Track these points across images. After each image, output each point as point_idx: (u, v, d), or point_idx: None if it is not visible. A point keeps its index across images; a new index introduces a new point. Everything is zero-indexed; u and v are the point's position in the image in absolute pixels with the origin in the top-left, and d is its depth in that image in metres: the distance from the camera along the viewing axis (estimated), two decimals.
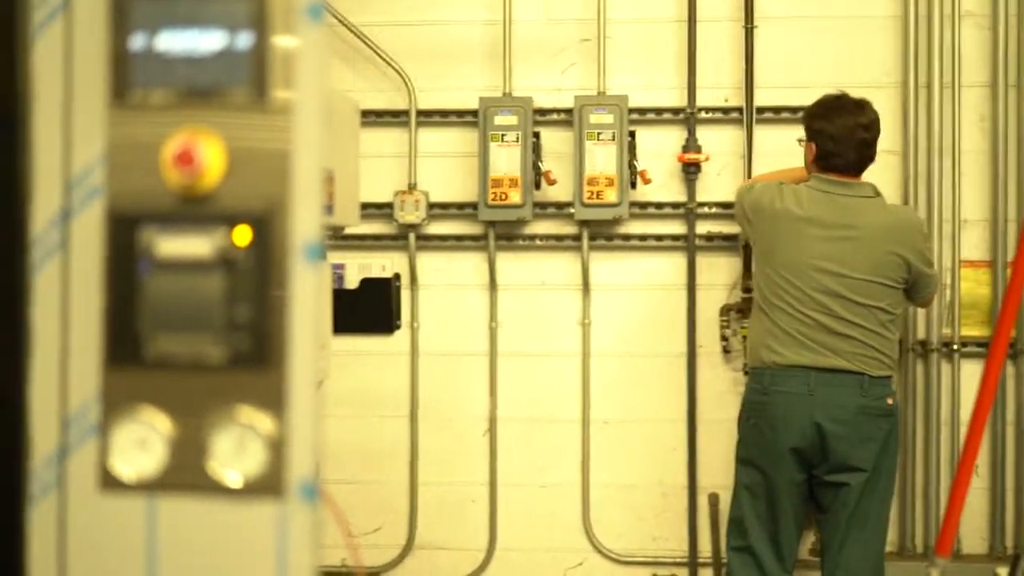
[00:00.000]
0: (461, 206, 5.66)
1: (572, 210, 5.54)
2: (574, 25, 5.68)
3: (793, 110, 5.54)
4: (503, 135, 5.49)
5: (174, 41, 1.93)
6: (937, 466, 5.51)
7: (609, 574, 5.68)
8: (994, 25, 5.57)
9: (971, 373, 5.53)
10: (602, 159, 5.48)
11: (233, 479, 1.90)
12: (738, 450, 4.80)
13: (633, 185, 5.51)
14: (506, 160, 5.49)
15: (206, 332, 1.92)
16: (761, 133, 5.56)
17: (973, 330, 5.56)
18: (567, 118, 5.58)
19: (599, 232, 5.63)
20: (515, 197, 5.49)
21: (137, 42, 1.94)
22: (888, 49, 5.64)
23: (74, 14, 1.96)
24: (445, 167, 5.70)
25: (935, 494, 5.50)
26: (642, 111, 5.61)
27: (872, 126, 4.80)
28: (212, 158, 1.90)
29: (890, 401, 4.62)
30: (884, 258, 4.62)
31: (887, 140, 5.54)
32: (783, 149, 5.41)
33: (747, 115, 5.58)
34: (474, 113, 5.56)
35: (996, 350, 2.66)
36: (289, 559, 1.92)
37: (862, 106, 4.83)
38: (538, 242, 5.68)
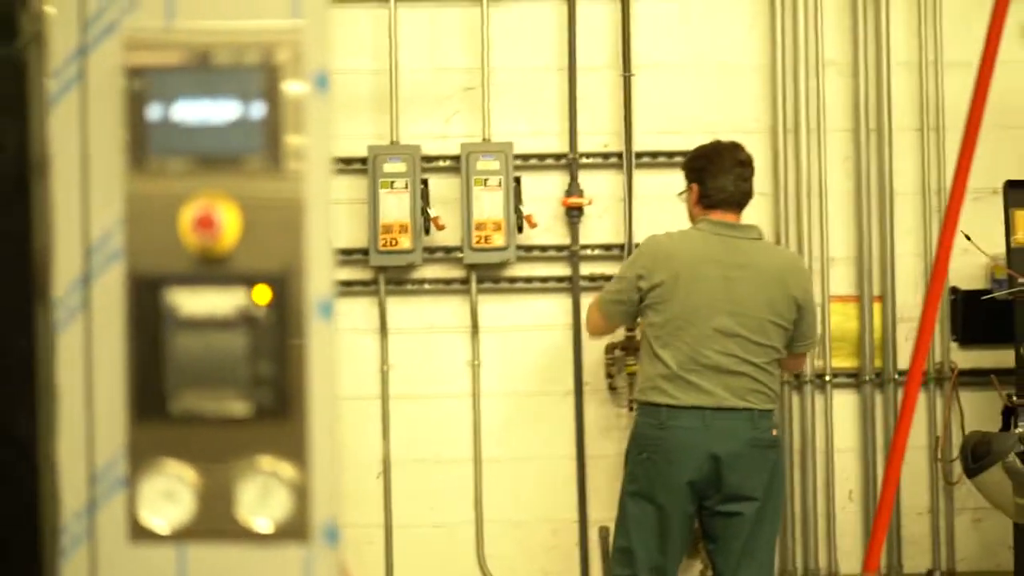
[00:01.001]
0: (350, 252, 5.76)
1: (461, 254, 5.69)
2: (458, 74, 5.85)
3: (669, 154, 5.78)
4: (392, 182, 5.62)
5: (190, 111, 2.03)
6: (814, 491, 5.79)
7: None
8: (855, 73, 5.88)
9: (842, 403, 5.85)
10: (489, 204, 5.64)
11: (262, 525, 2.00)
12: (626, 483, 4.88)
13: (520, 229, 5.69)
14: (396, 206, 5.62)
15: (228, 387, 2.01)
16: (640, 177, 5.78)
17: (843, 361, 5.86)
18: (454, 164, 5.74)
19: (487, 275, 5.79)
20: (405, 243, 5.63)
21: (154, 112, 2.03)
22: (758, 96, 5.92)
23: (89, 85, 2.04)
24: (334, 214, 5.78)
25: (812, 518, 5.78)
26: (526, 157, 5.80)
27: (748, 163, 4.99)
28: (229, 222, 1.99)
29: (775, 432, 4.81)
30: (777, 297, 4.79)
31: (759, 183, 5.77)
32: (661, 193, 5.63)
33: (626, 160, 5.79)
34: (363, 160, 5.68)
35: (913, 375, 2.87)
36: None
37: (738, 145, 5.04)
38: (427, 286, 5.81)
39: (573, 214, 5.79)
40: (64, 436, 2.04)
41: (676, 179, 5.51)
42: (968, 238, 5.45)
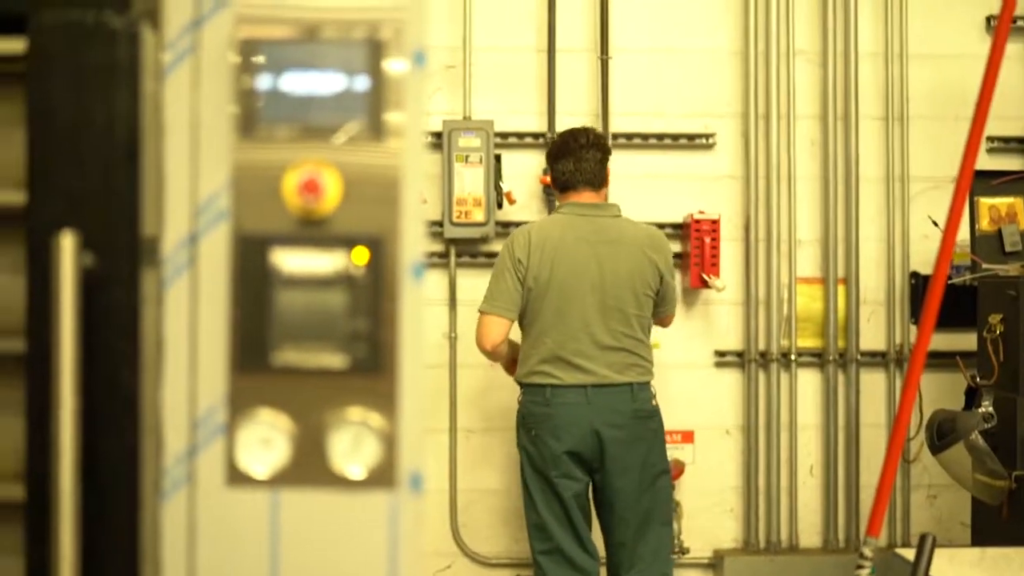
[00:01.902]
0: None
1: (441, 229, 5.83)
2: (440, 52, 5.96)
3: (644, 136, 5.95)
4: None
5: (296, 82, 2.16)
6: (777, 467, 5.99)
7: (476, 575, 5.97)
8: (824, 62, 6.08)
9: (806, 381, 6.04)
10: (470, 181, 5.78)
11: (352, 472, 2.13)
12: (523, 462, 5.03)
13: (499, 205, 5.83)
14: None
15: (325, 341, 2.14)
16: (615, 158, 5.91)
17: (808, 341, 6.06)
18: (434, 141, 5.86)
19: (466, 250, 5.93)
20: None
21: (262, 83, 2.16)
22: (730, 81, 6.09)
23: (202, 56, 2.17)
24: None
25: (775, 493, 5.97)
26: (505, 135, 5.93)
27: (596, 144, 5.09)
28: (331, 187, 2.13)
29: (654, 403, 4.99)
30: (642, 266, 4.96)
31: (731, 166, 6.02)
32: (636, 173, 5.80)
33: None
34: None
35: (917, 355, 3.04)
36: (400, 545, 2.16)
37: (587, 129, 5.21)
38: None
39: (550, 192, 5.93)
40: (168, 385, 2.17)
41: (650, 160, 5.73)
42: (936, 224, 5.68)
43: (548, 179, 5.16)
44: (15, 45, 2.09)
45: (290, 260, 2.15)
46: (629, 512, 4.95)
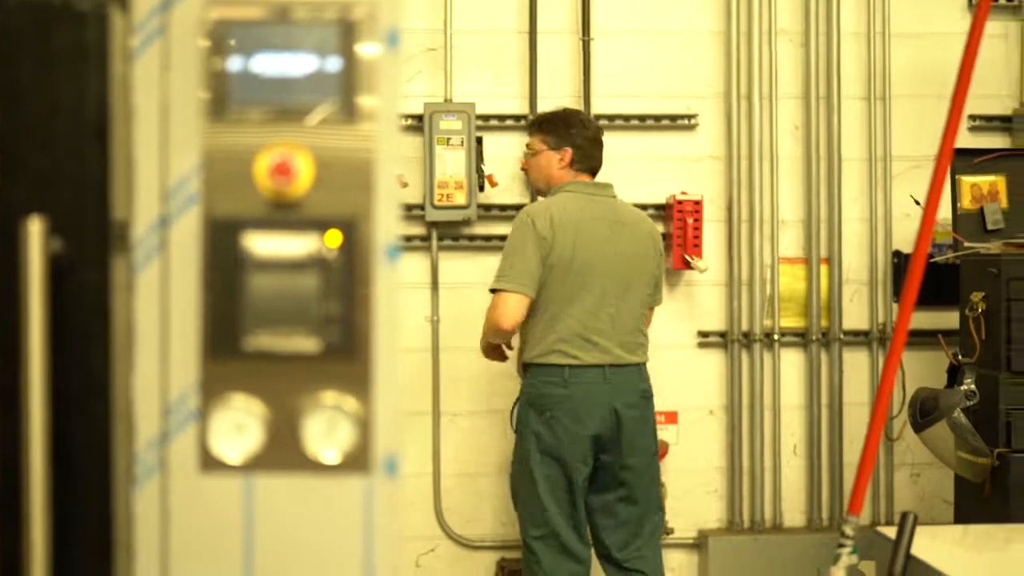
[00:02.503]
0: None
1: (422, 212, 5.81)
2: (421, 35, 5.94)
3: (626, 117, 5.94)
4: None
5: (267, 64, 2.15)
6: (761, 447, 5.99)
7: (460, 558, 5.97)
8: (806, 42, 6.07)
9: (789, 361, 6.05)
10: (451, 163, 5.77)
11: (327, 457, 2.12)
12: (529, 445, 4.91)
13: (481, 188, 5.81)
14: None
15: (298, 325, 2.13)
16: None
17: (791, 321, 6.06)
18: (415, 124, 5.84)
19: (447, 233, 5.92)
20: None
21: (232, 64, 2.14)
22: (713, 62, 6.08)
23: (171, 38, 2.14)
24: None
25: (759, 473, 5.98)
26: (486, 118, 5.91)
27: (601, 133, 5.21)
28: (303, 169, 2.11)
29: (649, 383, 5.04)
30: (648, 248, 5.01)
31: (713, 147, 6.01)
32: (618, 154, 5.78)
33: None
34: None
35: (898, 334, 3.04)
36: (376, 530, 2.15)
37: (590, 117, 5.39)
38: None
39: None
40: (139, 370, 2.15)
41: (632, 141, 5.71)
42: (918, 203, 5.68)
43: (567, 153, 5.04)
44: None
45: (262, 244, 2.13)
46: (639, 491, 4.96)
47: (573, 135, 5.05)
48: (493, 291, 4.94)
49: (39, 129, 2.10)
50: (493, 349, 5.14)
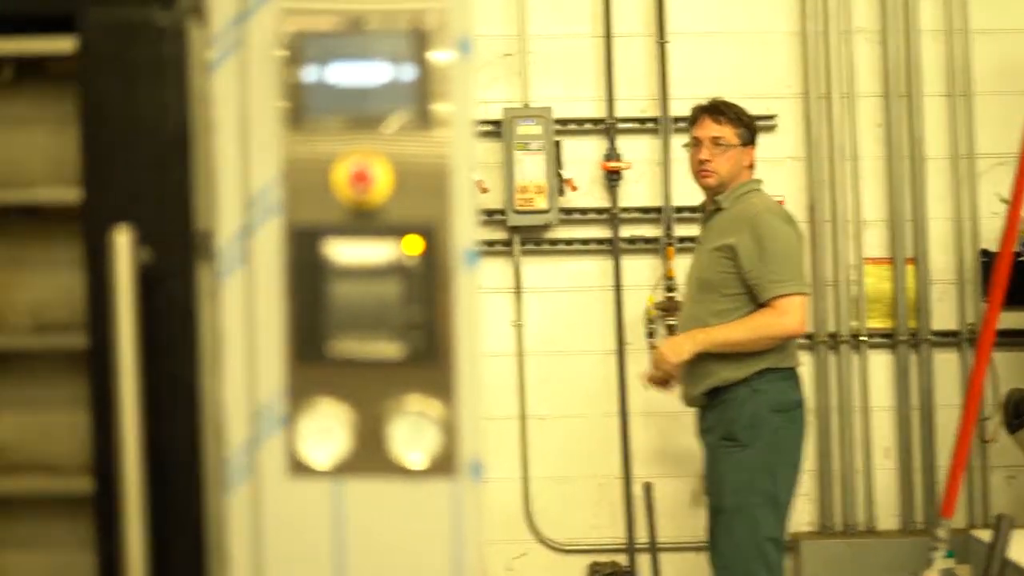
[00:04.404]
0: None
1: (504, 217, 5.84)
2: (497, 41, 5.96)
3: None
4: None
5: (343, 73, 2.17)
6: (851, 449, 5.93)
7: (551, 563, 5.97)
8: (884, 40, 6.01)
9: (877, 363, 5.99)
10: (531, 168, 5.78)
11: (414, 460, 2.14)
12: (773, 459, 4.54)
13: (561, 192, 5.83)
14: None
15: (381, 330, 2.15)
16: (677, 141, 5.90)
17: (877, 322, 6.00)
18: (494, 129, 5.86)
19: (529, 237, 5.93)
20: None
21: (309, 75, 2.17)
22: (790, 62, 6.04)
23: (249, 50, 2.18)
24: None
25: (851, 475, 5.93)
26: (564, 122, 5.92)
27: None
28: (382, 177, 2.14)
29: None
30: None
31: (792, 147, 5.98)
32: None
33: (663, 124, 5.94)
34: None
35: (985, 334, 3.01)
36: (463, 533, 2.17)
37: None
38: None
39: (612, 178, 5.93)
40: (228, 377, 2.19)
41: None
42: (1005, 201, 5.60)
43: (751, 154, 4.72)
44: (63, 44, 2.11)
45: (343, 251, 2.16)
46: None
47: (755, 135, 4.80)
48: (776, 296, 4.47)
49: (123, 142, 2.14)
50: (661, 379, 4.73)
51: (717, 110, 4.75)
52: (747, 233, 4.52)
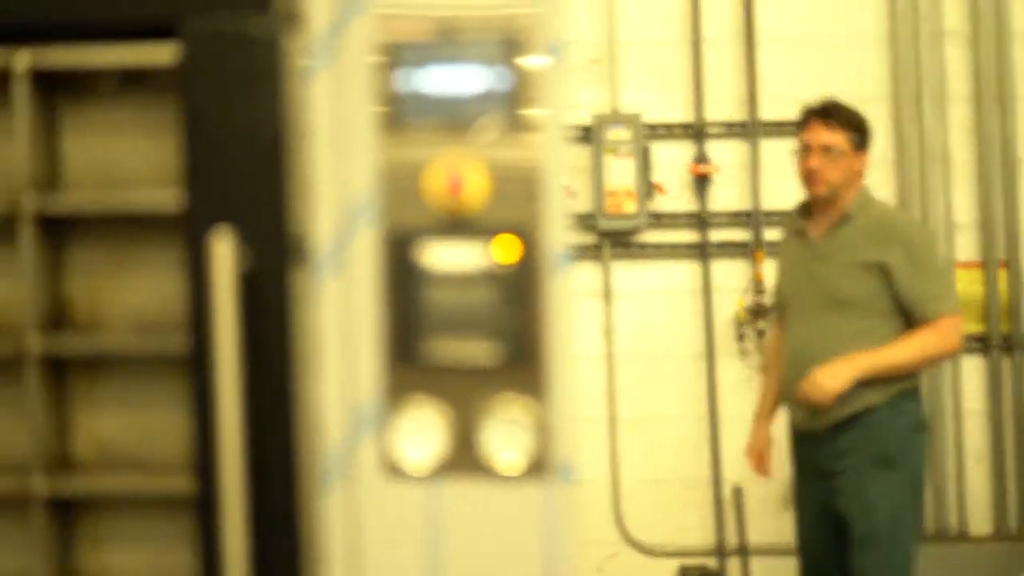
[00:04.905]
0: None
1: (593, 221, 5.86)
2: (586, 47, 5.99)
3: (794, 124, 5.87)
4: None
5: (437, 79, 2.20)
6: (944, 453, 5.90)
7: (641, 565, 5.99)
8: (975, 43, 5.97)
9: (969, 367, 5.96)
10: (620, 173, 5.80)
11: (507, 464, 2.16)
12: (923, 478, 4.50)
13: (650, 196, 5.85)
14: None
15: (475, 335, 2.18)
16: (767, 144, 5.91)
17: (969, 326, 5.92)
18: (583, 134, 5.88)
19: (618, 242, 5.95)
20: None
21: (404, 81, 2.20)
22: (879, 65, 6.01)
23: (343, 59, 2.21)
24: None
25: (943, 480, 5.90)
26: (653, 127, 5.94)
27: None
28: (477, 183, 2.17)
29: None
30: None
31: (883, 150, 5.93)
32: (787, 160, 5.73)
33: (752, 129, 5.93)
34: None
35: None
36: (556, 535, 2.19)
37: None
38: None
39: (701, 181, 5.94)
40: (324, 379, 2.22)
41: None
42: None
43: (864, 160, 4.51)
44: (163, 53, 2.16)
45: (437, 254, 2.19)
46: None
47: (868, 139, 4.56)
48: (938, 315, 4.31)
49: (221, 148, 2.18)
50: (758, 461, 4.73)
51: (828, 114, 4.51)
52: (898, 249, 4.30)
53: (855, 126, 4.49)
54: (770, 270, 5.52)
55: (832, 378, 4.24)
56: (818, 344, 4.34)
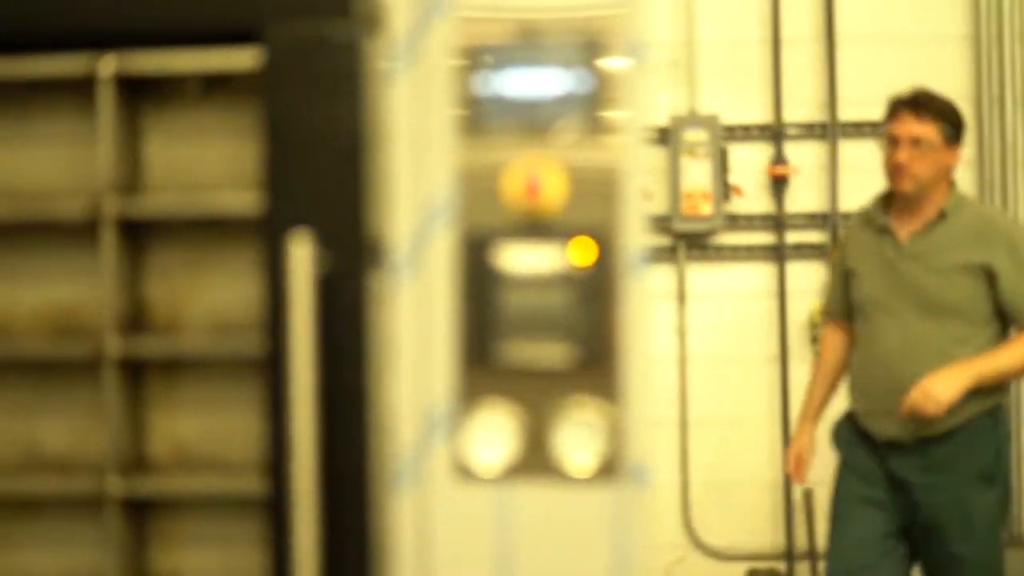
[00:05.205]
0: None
1: (669, 223, 5.83)
2: (664, 47, 5.96)
3: (874, 125, 5.82)
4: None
5: (517, 82, 2.20)
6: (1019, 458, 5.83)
7: (709, 569, 5.96)
8: None
9: None
10: (697, 174, 5.77)
11: (580, 466, 2.16)
12: (1006, 497, 4.34)
13: (727, 198, 5.81)
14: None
15: (551, 337, 2.17)
16: (847, 146, 5.86)
17: None
18: (660, 136, 5.86)
19: (694, 243, 5.92)
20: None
21: (484, 84, 2.20)
22: (962, 65, 5.95)
23: (423, 62, 2.21)
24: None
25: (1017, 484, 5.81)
26: (731, 128, 5.90)
27: None
28: (555, 186, 2.16)
29: None
30: None
31: (964, 151, 5.85)
32: (868, 161, 5.68)
33: (831, 130, 5.88)
34: None
35: None
36: (627, 538, 2.18)
37: None
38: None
39: (778, 183, 5.90)
40: (398, 382, 2.22)
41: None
42: None
43: (957, 156, 4.30)
44: (244, 58, 2.17)
45: (514, 257, 2.18)
46: None
47: (962, 132, 4.29)
48: None
49: (301, 152, 2.19)
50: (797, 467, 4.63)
51: (919, 104, 4.20)
52: (1001, 249, 4.11)
53: (948, 118, 4.21)
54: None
55: (945, 388, 4.01)
56: (915, 352, 4.12)
